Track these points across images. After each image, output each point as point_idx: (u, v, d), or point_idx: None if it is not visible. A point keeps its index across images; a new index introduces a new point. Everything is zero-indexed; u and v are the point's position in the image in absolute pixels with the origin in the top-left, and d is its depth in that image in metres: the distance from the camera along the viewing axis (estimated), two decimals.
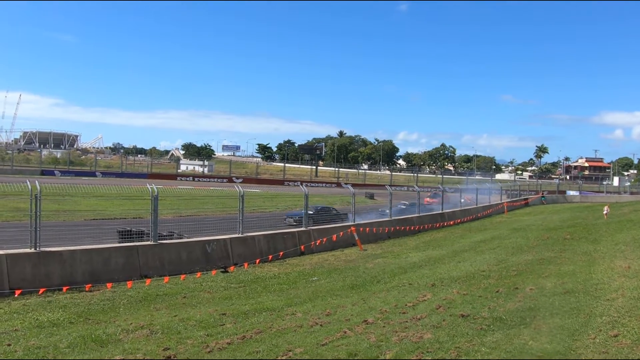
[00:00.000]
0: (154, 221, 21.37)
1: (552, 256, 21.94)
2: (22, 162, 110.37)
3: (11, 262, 17.58)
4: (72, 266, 18.67)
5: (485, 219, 46.37)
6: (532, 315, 12.35)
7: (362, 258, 25.18)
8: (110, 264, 19.65)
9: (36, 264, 18.03)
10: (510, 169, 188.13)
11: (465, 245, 29.07)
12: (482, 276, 18.37)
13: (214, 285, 19.34)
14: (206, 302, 16.66)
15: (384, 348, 10.46)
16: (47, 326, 13.96)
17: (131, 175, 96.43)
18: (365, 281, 19.29)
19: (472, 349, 10.00)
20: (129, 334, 12.81)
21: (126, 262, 20.10)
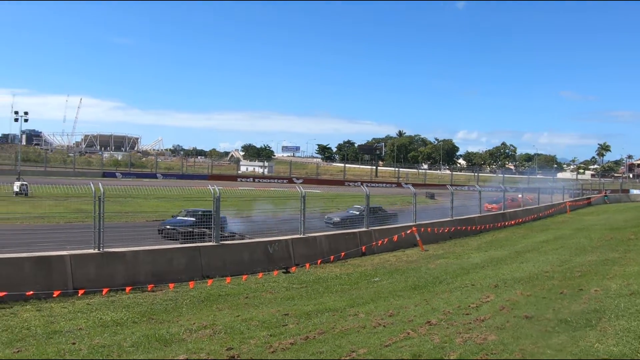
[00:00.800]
0: (215, 222, 21.59)
1: (617, 257, 21.64)
2: (84, 164, 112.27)
3: (75, 263, 17.90)
4: (135, 267, 18.95)
5: (547, 218, 45.78)
6: (598, 317, 12.09)
7: (423, 259, 25.06)
8: (172, 264, 19.89)
9: (100, 264, 18.35)
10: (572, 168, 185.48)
11: (528, 245, 28.74)
12: (546, 277, 18.13)
13: (276, 285, 19.42)
14: (268, 303, 16.72)
15: (448, 349, 10.38)
16: (110, 325, 14.17)
17: (192, 176, 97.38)
18: (427, 282, 19.17)
19: (537, 351, 9.88)
20: (192, 334, 12.95)
21: (188, 262, 20.32)
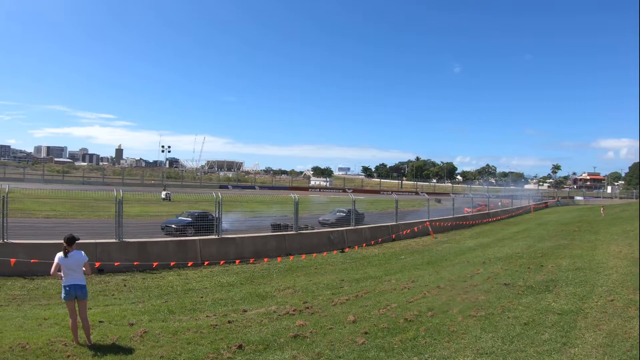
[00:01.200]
0: (295, 218, 22.05)
1: (566, 243, 21.50)
2: (206, 180, 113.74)
3: (202, 244, 18.58)
4: (242, 247, 19.43)
5: (518, 216, 45.33)
6: (553, 284, 12.37)
7: (434, 243, 25.04)
8: (267, 245, 20.31)
9: (219, 245, 18.92)
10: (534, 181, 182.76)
11: (505, 234, 28.54)
12: (517, 257, 18.16)
13: (335, 260, 19.61)
14: (330, 272, 16.93)
15: (452, 305, 10.73)
16: (226, 285, 14.63)
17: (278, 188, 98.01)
18: (437, 259, 19.25)
19: (512, 307, 10.22)
20: (279, 292, 13.31)
21: (277, 245, 20.70)
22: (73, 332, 8.21)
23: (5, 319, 10.32)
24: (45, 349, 7.88)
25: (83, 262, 8.35)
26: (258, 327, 9.46)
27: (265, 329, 9.36)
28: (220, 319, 10.15)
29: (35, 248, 15.95)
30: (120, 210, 17.37)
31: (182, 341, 8.48)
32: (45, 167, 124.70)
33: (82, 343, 8.14)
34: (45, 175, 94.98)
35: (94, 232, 18.86)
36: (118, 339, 8.46)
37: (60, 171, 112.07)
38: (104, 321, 9.73)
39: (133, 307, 11.65)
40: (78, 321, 8.27)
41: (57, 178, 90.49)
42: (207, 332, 9.10)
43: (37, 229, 19.97)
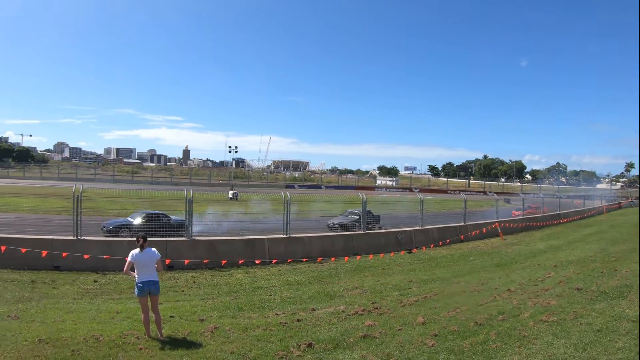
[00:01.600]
0: (363, 218, 21.92)
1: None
2: (272, 180, 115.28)
3: (270, 243, 18.76)
4: (309, 246, 19.47)
5: (590, 218, 43.49)
6: (628, 290, 11.89)
7: (503, 245, 24.36)
8: (334, 245, 20.29)
9: (286, 244, 19.06)
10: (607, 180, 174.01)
11: (577, 237, 27.42)
12: (590, 260, 17.59)
13: (403, 261, 19.37)
14: (398, 273, 16.74)
15: (523, 309, 10.47)
16: (294, 284, 14.68)
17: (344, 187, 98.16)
18: (506, 261, 18.75)
19: (585, 313, 9.88)
20: (348, 292, 13.27)
21: (344, 244, 20.64)
22: (145, 326, 8.47)
23: (79, 312, 10.73)
24: (118, 341, 8.14)
25: (156, 259, 8.64)
26: (327, 326, 9.49)
27: (334, 328, 9.37)
28: (289, 317, 10.23)
29: (107, 245, 16.68)
30: (190, 210, 17.80)
31: (252, 338, 8.58)
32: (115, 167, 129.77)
33: (153, 337, 8.38)
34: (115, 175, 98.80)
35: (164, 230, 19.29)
36: (189, 334, 8.66)
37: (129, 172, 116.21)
38: (174, 316, 9.95)
39: (203, 303, 11.89)
40: (150, 315, 8.50)
41: (126, 178, 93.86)
42: (276, 330, 9.18)
43: None
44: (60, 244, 16.29)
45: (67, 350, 7.69)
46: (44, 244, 16.20)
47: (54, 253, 15.96)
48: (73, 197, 16.95)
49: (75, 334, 8.49)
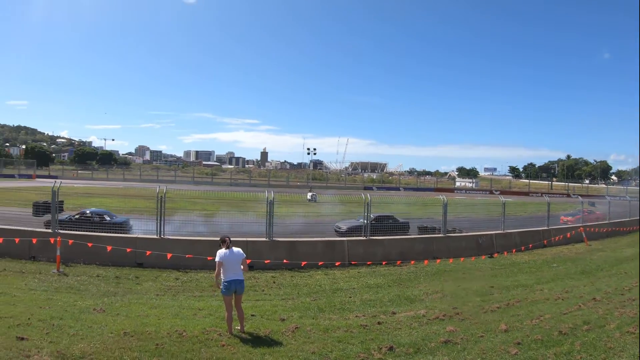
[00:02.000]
0: (443, 220, 21.59)
1: None
2: (350, 181, 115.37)
3: (350, 245, 18.76)
4: (389, 248, 19.33)
5: None
6: None
7: (588, 251, 23.31)
8: (413, 248, 20.03)
9: (366, 246, 19.00)
10: None
11: None
12: None
13: (483, 266, 18.93)
14: (478, 278, 16.40)
15: (609, 319, 10.13)
16: (373, 287, 14.60)
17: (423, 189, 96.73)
18: (592, 269, 18.02)
19: None
20: (428, 296, 13.09)
21: (424, 247, 20.36)
22: (228, 323, 8.72)
23: (162, 307, 11.16)
24: (201, 337, 8.38)
25: (242, 259, 8.93)
26: (408, 330, 9.42)
27: (415, 332, 9.30)
28: (370, 320, 10.22)
29: (188, 244, 17.28)
30: (271, 211, 18.08)
31: (332, 339, 8.63)
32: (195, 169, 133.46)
33: (235, 334, 8.59)
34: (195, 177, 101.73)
35: (243, 231, 19.64)
36: (270, 333, 8.81)
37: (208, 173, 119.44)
38: (256, 315, 10.13)
39: (283, 303, 12.06)
40: (233, 314, 8.69)
41: (206, 180, 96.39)
42: (357, 332, 9.19)
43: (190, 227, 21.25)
44: (144, 242, 17.04)
45: (151, 343, 8.01)
46: (128, 242, 17.03)
47: (138, 251, 16.71)
48: (157, 198, 17.68)
49: (159, 329, 8.83)
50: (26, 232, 17.80)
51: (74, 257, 16.81)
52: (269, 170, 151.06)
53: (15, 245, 17.26)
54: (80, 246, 16.75)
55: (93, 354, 7.44)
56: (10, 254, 17.26)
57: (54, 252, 16.27)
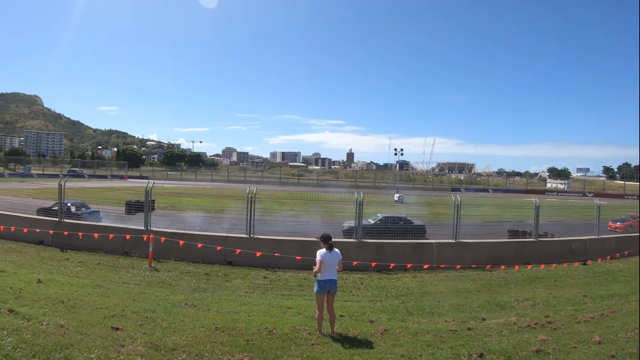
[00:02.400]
0: (535, 224, 20.86)
1: None
2: (437, 182, 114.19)
3: (439, 247, 18.47)
4: (478, 252, 18.86)
5: None
6: None
7: None
8: (503, 252, 19.47)
9: (454, 249, 18.64)
10: None
11: None
12: None
13: (576, 273, 18.07)
14: (571, 286, 15.71)
15: None
16: (462, 291, 14.32)
17: (512, 191, 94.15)
18: None
19: None
20: (519, 303, 12.67)
21: (514, 252, 19.75)
22: (318, 322, 8.82)
23: (251, 305, 11.42)
24: (291, 335, 8.51)
25: (339, 260, 9.00)
26: (498, 337, 9.17)
27: (505, 339, 9.03)
28: (460, 325, 10.02)
29: (277, 243, 17.61)
30: (360, 211, 18.13)
31: (422, 343, 8.53)
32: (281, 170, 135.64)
33: (324, 333, 8.64)
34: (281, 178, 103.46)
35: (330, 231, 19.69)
36: (359, 334, 8.82)
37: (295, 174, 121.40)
38: (344, 316, 10.17)
39: (371, 305, 12.04)
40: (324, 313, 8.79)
41: (292, 181, 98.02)
42: (446, 337, 9.05)
43: (278, 226, 21.61)
44: (233, 241, 17.52)
45: (241, 339, 8.20)
46: (218, 241, 17.56)
47: (228, 249, 17.18)
48: (247, 198, 18.13)
49: (249, 325, 9.03)
50: (120, 229, 18.84)
51: (165, 253, 17.55)
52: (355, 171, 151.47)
53: (109, 241, 18.31)
54: (171, 243, 17.47)
55: (185, 346, 7.69)
56: (104, 249, 18.36)
57: (146, 248, 17.06)
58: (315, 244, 16.47)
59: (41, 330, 7.63)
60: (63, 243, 19.14)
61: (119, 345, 7.35)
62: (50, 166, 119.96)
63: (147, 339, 7.85)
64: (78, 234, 18.89)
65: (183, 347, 7.63)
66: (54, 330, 7.68)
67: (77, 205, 23.46)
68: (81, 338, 7.44)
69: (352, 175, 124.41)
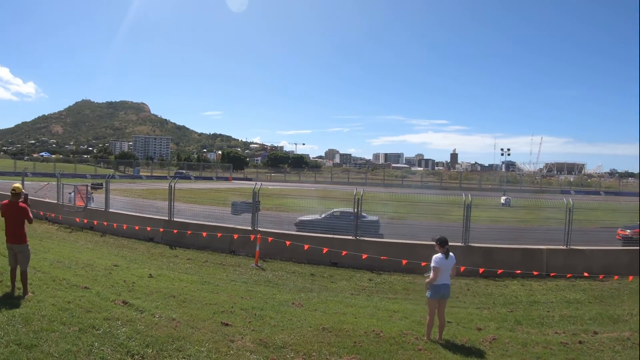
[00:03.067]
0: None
1: None
2: (545, 184, 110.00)
3: (549, 254, 17.73)
4: (591, 260, 17.93)
5: None
6: None
7: None
8: (618, 261, 18.41)
9: (565, 256, 17.83)
10: None
11: None
12: None
13: None
14: None
15: None
16: (572, 302, 13.73)
17: (625, 194, 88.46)
18: None
19: None
20: (632, 317, 11.88)
21: (629, 261, 18.65)
22: (428, 327, 8.78)
23: (357, 307, 11.57)
24: (398, 339, 8.56)
25: (453, 264, 8.98)
26: (611, 353, 8.79)
27: (618, 356, 8.67)
28: (570, 338, 9.66)
29: (383, 246, 17.73)
30: (468, 214, 17.81)
31: (531, 355, 8.35)
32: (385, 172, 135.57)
33: (432, 339, 8.61)
34: (385, 179, 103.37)
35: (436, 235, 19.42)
36: (467, 342, 8.72)
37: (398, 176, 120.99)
38: (451, 322, 10.08)
39: (479, 312, 11.86)
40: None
41: (395, 182, 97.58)
42: (557, 350, 8.78)
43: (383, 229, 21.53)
44: (340, 242, 17.80)
45: (349, 340, 8.33)
46: (324, 242, 17.88)
47: (334, 250, 17.47)
48: (354, 200, 18.49)
49: (356, 327, 9.16)
50: (228, 229, 19.65)
51: (271, 253, 18.17)
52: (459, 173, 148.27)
53: (217, 240, 19.22)
54: (277, 243, 18.05)
55: (293, 344, 7.89)
56: (212, 247, 19.34)
57: (252, 247, 17.72)
58: (422, 247, 16.52)
59: (154, 322, 8.12)
60: (172, 240, 20.33)
61: (228, 341, 7.67)
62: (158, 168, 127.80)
63: (255, 335, 8.14)
64: (187, 232, 19.94)
65: (291, 346, 7.84)
66: (166, 323, 8.14)
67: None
68: (192, 332, 7.85)
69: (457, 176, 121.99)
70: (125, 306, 8.93)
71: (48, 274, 11.23)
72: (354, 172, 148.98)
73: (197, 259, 17.66)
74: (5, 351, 6.06)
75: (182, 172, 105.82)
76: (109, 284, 11.24)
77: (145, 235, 21.29)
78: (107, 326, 7.45)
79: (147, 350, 6.74)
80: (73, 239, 20.71)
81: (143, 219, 22.35)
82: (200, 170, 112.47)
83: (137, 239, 21.11)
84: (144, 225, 21.55)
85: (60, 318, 7.58)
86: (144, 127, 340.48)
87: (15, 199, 9.00)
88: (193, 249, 19.26)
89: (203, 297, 11.08)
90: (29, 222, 9.10)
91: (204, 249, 19.16)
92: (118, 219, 22.75)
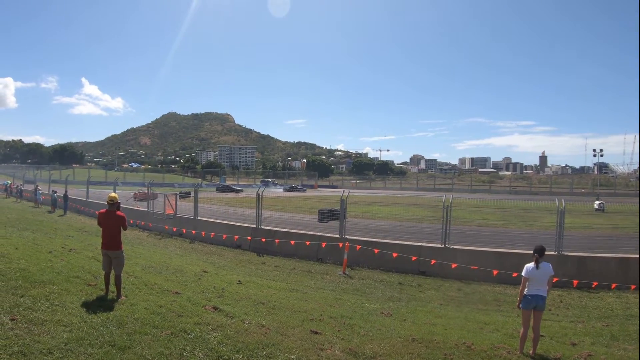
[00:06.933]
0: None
1: None
2: None
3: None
4: None
5: None
6: None
7: None
8: None
9: None
10: None
11: None
12: None
13: None
14: None
15: None
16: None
17: None
18: None
19: None
20: None
21: None
22: (521, 341, 8.46)
23: (447, 317, 11.38)
24: (490, 352, 8.29)
25: (549, 275, 8.50)
26: None
27: None
28: None
29: (472, 254, 17.26)
30: (561, 221, 17.01)
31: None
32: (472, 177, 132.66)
33: (525, 353, 8.32)
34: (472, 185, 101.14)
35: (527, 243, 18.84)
36: (561, 357, 8.34)
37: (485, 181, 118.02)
38: (544, 335, 9.71)
39: (572, 326, 11.38)
40: None
41: (483, 188, 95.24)
42: None
43: (471, 237, 21.17)
44: (427, 250, 17.60)
45: (439, 352, 8.15)
46: (413, 250, 17.73)
47: (422, 259, 17.29)
48: (443, 207, 18.16)
49: (447, 339, 8.95)
50: (316, 237, 19.87)
51: (358, 261, 18.19)
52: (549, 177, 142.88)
53: (304, 248, 19.47)
54: (365, 251, 18.05)
55: (383, 355, 7.78)
56: (299, 254, 19.64)
57: (340, 255, 17.84)
58: (513, 256, 16.06)
59: (243, 328, 8.20)
60: (259, 248, 20.80)
61: (318, 349, 7.65)
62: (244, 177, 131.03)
63: (345, 344, 8.09)
64: (275, 240, 20.33)
65: (381, 356, 7.73)
66: (256, 329, 8.21)
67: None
68: (281, 339, 7.88)
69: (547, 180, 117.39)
70: (215, 312, 9.13)
71: (140, 278, 11.70)
72: (440, 177, 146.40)
73: (285, 266, 17.98)
74: (99, 352, 6.27)
75: (267, 180, 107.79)
76: (199, 290, 11.59)
77: (232, 243, 21.92)
78: (198, 331, 7.63)
79: (237, 356, 6.84)
80: (163, 245, 21.66)
81: (231, 227, 23.04)
82: (286, 179, 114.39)
83: (224, 246, 21.81)
84: (232, 233, 22.21)
85: (153, 322, 7.82)
86: (229, 137, 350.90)
87: (112, 208, 9.45)
88: (280, 256, 19.64)
89: (292, 304, 11.22)
90: (124, 229, 9.55)
91: (291, 257, 19.48)
92: (206, 227, 23.57)
